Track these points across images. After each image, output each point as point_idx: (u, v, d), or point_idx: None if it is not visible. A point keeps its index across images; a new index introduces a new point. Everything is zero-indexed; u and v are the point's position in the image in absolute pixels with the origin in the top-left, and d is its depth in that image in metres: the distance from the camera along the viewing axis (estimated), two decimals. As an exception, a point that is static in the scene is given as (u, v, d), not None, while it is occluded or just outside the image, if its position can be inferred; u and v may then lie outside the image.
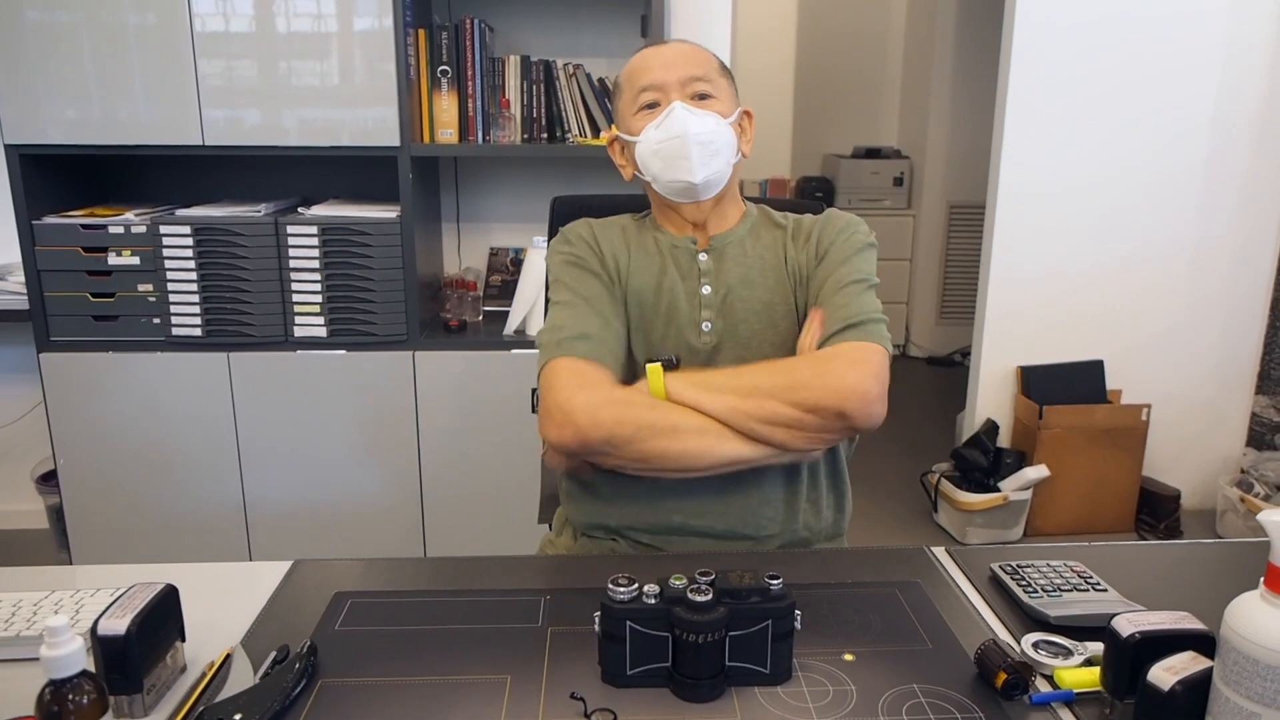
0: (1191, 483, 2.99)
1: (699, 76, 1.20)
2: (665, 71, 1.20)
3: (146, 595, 0.79)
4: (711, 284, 1.21)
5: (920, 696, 0.80)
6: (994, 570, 1.01)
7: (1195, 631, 0.75)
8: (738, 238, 1.24)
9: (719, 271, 1.22)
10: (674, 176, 1.18)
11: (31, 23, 2.14)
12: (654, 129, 1.18)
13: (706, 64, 1.22)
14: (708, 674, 0.80)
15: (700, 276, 1.21)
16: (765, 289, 1.21)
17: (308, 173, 2.57)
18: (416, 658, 0.86)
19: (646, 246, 1.25)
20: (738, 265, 1.22)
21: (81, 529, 2.38)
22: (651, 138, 1.18)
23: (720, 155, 1.19)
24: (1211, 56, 2.70)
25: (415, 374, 2.33)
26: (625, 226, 1.28)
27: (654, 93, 1.20)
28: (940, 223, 4.56)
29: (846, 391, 1.05)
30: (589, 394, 1.08)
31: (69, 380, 2.30)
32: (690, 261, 1.23)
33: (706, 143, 1.16)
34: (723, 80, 1.23)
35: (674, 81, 1.19)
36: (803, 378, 1.07)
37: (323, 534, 2.41)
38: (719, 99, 1.21)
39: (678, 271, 1.22)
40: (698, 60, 1.22)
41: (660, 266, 1.22)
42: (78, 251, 2.25)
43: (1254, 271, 2.87)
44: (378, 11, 2.17)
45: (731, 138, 1.20)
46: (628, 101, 1.23)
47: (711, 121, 1.18)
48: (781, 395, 1.06)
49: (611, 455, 1.08)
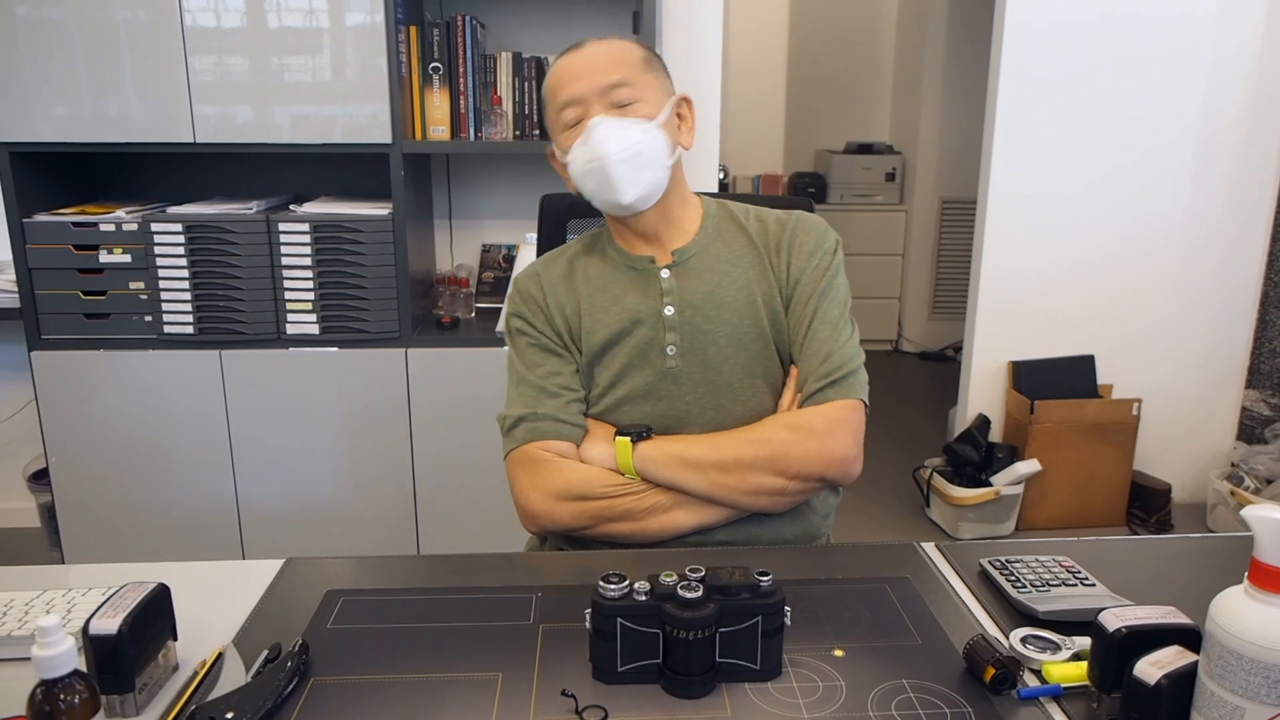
0: (1182, 477, 3.00)
1: (616, 82, 1.12)
2: (580, 82, 1.13)
3: (138, 594, 0.79)
4: (675, 303, 1.16)
5: (909, 691, 0.81)
6: (983, 565, 1.02)
7: (1181, 626, 0.76)
8: (700, 248, 1.19)
9: (682, 290, 1.17)
10: (605, 198, 1.13)
11: (21, 19, 2.13)
12: (579, 147, 1.12)
13: (625, 63, 1.14)
14: (698, 670, 0.80)
15: (663, 296, 1.17)
16: (734, 310, 1.16)
17: (300, 170, 2.57)
18: (408, 655, 0.86)
19: (601, 282, 1.20)
20: (703, 282, 1.17)
21: (73, 527, 2.38)
22: (579, 157, 1.13)
23: (651, 165, 1.12)
24: (1200, 53, 2.71)
25: (408, 371, 2.33)
26: (576, 259, 1.23)
27: (574, 108, 1.13)
28: (932, 218, 4.57)
29: (828, 459, 1.10)
30: (543, 488, 1.12)
31: (60, 378, 2.29)
32: (651, 281, 1.18)
33: (631, 158, 1.10)
34: (648, 76, 1.15)
35: (592, 92, 1.12)
36: (785, 448, 1.09)
37: (316, 531, 2.41)
38: (643, 100, 1.13)
39: (638, 293, 1.18)
40: (613, 62, 1.13)
41: (619, 306, 1.17)
42: (69, 249, 2.24)
43: (1243, 266, 2.89)
44: (369, 7, 2.17)
45: (662, 141, 1.13)
46: (552, 119, 1.17)
47: (634, 133, 1.11)
48: (765, 466, 1.09)
49: (581, 537, 1.14)
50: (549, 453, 1.14)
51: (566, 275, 1.22)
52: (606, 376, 1.18)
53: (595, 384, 1.19)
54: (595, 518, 1.11)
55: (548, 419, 1.15)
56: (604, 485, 1.12)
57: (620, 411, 1.18)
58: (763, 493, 1.10)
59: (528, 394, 1.17)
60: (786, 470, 1.09)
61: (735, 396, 1.16)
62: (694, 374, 1.16)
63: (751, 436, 1.11)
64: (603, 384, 1.18)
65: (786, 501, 1.12)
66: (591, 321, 1.19)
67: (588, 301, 1.20)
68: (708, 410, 1.16)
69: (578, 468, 1.14)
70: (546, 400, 1.16)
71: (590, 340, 1.18)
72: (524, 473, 1.14)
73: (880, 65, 4.93)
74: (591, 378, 1.19)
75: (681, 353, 1.16)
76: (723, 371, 1.16)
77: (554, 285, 1.22)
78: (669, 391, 1.17)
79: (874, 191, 4.62)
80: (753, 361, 1.17)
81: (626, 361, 1.17)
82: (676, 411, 1.17)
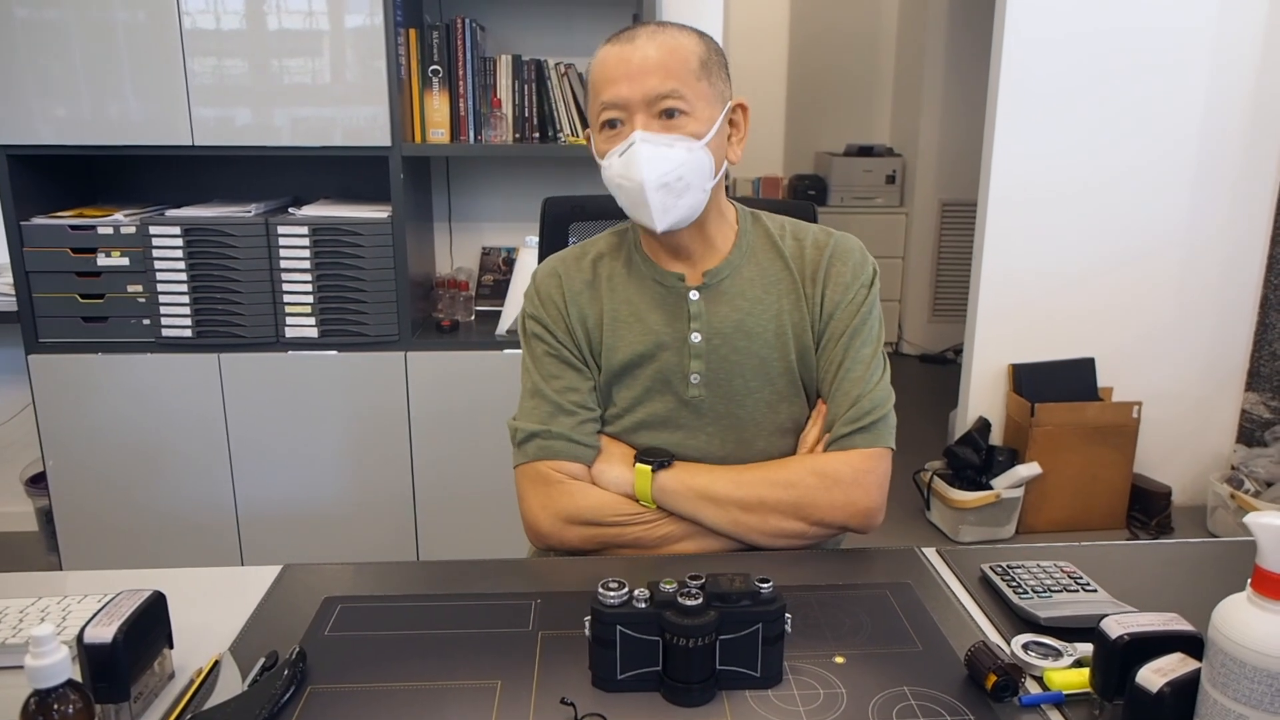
0: (1182, 480, 3.00)
1: (668, 92, 1.03)
2: (629, 85, 1.04)
3: (134, 602, 0.79)
4: (702, 330, 1.11)
5: (910, 699, 0.80)
6: (984, 571, 1.01)
7: (1184, 633, 0.76)
8: (733, 269, 1.13)
9: (711, 315, 1.12)
10: (637, 218, 1.08)
11: (20, 20, 2.12)
12: (616, 157, 1.05)
13: (681, 68, 1.04)
14: (698, 678, 0.80)
15: (690, 320, 1.12)
16: (763, 342, 1.12)
17: (298, 173, 2.57)
18: (407, 663, 0.86)
19: (625, 294, 1.15)
20: (733, 309, 1.12)
21: (71, 531, 2.37)
22: (614, 167, 1.06)
23: (690, 190, 1.05)
24: (1200, 57, 2.71)
25: (407, 374, 2.33)
26: (600, 262, 1.17)
27: (615, 111, 1.05)
28: (932, 220, 4.57)
29: (852, 510, 1.09)
30: (553, 510, 1.11)
31: (58, 382, 2.28)
32: (679, 303, 1.13)
33: (669, 184, 1.03)
34: (701, 84, 1.06)
35: (638, 100, 1.03)
36: (810, 495, 1.08)
37: (314, 535, 2.41)
38: (693, 114, 1.05)
39: (664, 313, 1.13)
40: (669, 67, 1.04)
41: (643, 325, 1.13)
42: (66, 252, 2.24)
43: (1243, 269, 2.88)
44: (369, 10, 2.16)
45: (706, 162, 1.06)
46: (592, 111, 1.10)
47: (678, 154, 1.03)
48: (788, 510, 1.08)
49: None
50: (561, 474, 1.12)
51: (590, 282, 1.17)
52: (626, 398, 1.14)
53: (613, 403, 1.16)
54: (604, 544, 1.11)
55: (561, 438, 1.12)
56: (615, 514, 1.10)
57: (637, 435, 1.15)
58: (782, 535, 1.08)
59: (543, 409, 1.14)
60: (809, 517, 1.08)
61: (758, 430, 1.13)
62: (716, 405, 1.12)
63: (776, 478, 1.08)
64: (621, 405, 1.15)
65: (803, 544, 1.10)
66: (614, 338, 1.14)
67: (610, 315, 1.15)
68: (729, 443, 1.13)
69: (590, 492, 1.12)
70: (562, 418, 1.13)
71: (611, 358, 1.14)
72: (534, 491, 1.12)
73: (880, 67, 4.93)
74: (609, 396, 1.16)
75: (706, 382, 1.12)
76: (746, 405, 1.12)
77: (576, 293, 1.16)
78: (688, 421, 1.13)
79: (874, 194, 4.62)
80: (777, 396, 1.13)
81: (648, 386, 1.13)
82: (696, 442, 1.13)
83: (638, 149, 1.03)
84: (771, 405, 1.13)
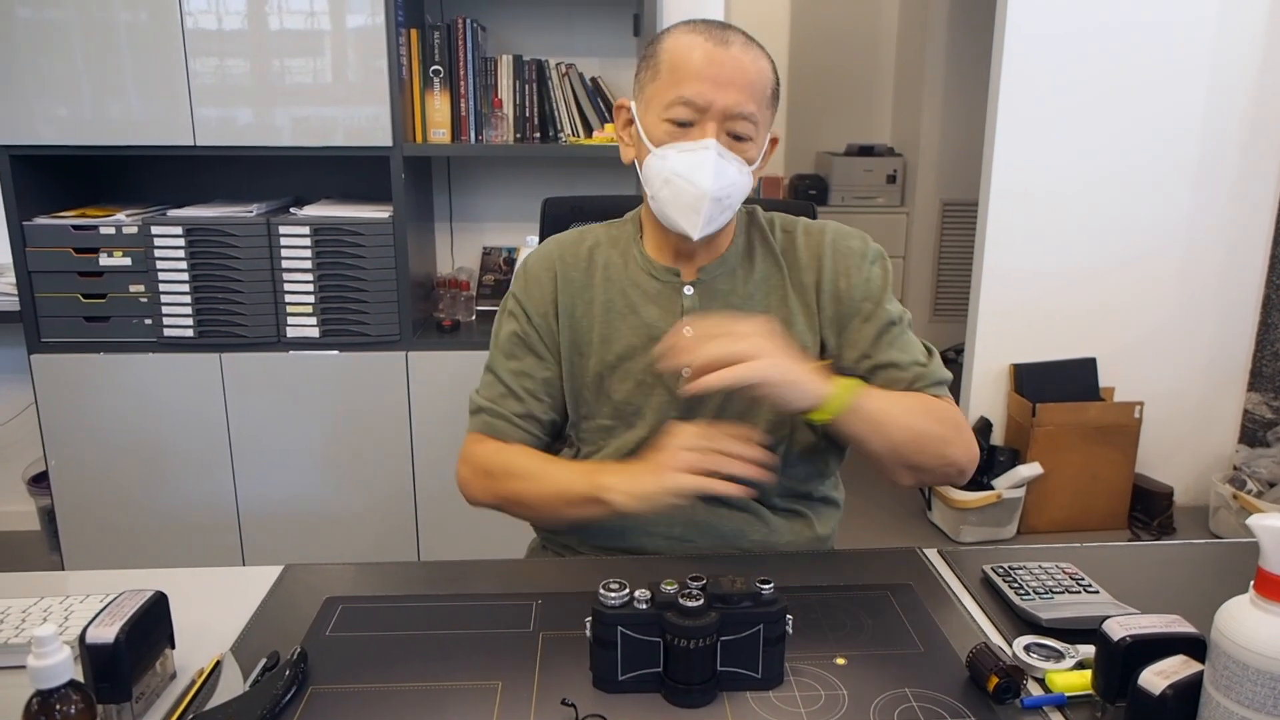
0: (1184, 480, 3.00)
1: (747, 114, 1.04)
2: (716, 91, 1.03)
3: (135, 602, 0.79)
4: (695, 325, 1.11)
5: (912, 700, 0.80)
6: (986, 572, 1.01)
7: (1186, 635, 0.75)
8: (729, 268, 1.15)
9: (703, 311, 1.13)
10: (674, 219, 1.07)
11: (22, 20, 2.13)
12: (677, 154, 1.05)
13: (762, 91, 1.06)
14: (699, 679, 0.80)
15: (683, 314, 1.13)
16: None
17: (300, 173, 2.57)
18: (408, 664, 0.86)
19: (621, 285, 1.15)
20: (725, 305, 1.14)
21: (73, 530, 2.38)
22: (670, 162, 1.05)
23: (731, 208, 1.08)
24: (1201, 56, 2.71)
25: (408, 374, 2.33)
26: (597, 250, 1.18)
27: (693, 111, 1.04)
28: (933, 220, 4.56)
29: (974, 456, 1.10)
30: (468, 470, 1.18)
31: (60, 381, 2.29)
32: (673, 297, 1.14)
33: (723, 198, 1.05)
34: (767, 113, 1.09)
35: (720, 109, 1.03)
36: (947, 433, 1.08)
37: (316, 535, 2.41)
38: (754, 140, 1.07)
39: (659, 307, 1.14)
40: (755, 87, 1.05)
41: (637, 318, 1.14)
42: (69, 252, 2.24)
43: (1245, 269, 2.88)
44: (370, 10, 2.16)
45: (748, 186, 1.08)
46: (658, 94, 1.06)
47: (734, 174, 1.05)
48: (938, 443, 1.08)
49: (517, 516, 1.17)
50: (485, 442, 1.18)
51: (587, 269, 1.17)
52: (621, 390, 1.14)
53: (607, 394, 1.15)
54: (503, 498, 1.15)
55: (504, 419, 1.17)
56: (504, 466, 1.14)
57: (632, 428, 1.14)
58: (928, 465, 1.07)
59: (496, 388, 1.18)
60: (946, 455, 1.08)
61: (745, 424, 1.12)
62: (707, 398, 1.12)
63: (916, 410, 1.07)
64: (617, 397, 1.14)
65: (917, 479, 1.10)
66: (608, 328, 1.15)
67: (604, 305, 1.15)
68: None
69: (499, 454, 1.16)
70: (510, 401, 1.17)
71: (606, 349, 1.14)
72: (464, 451, 1.20)
73: (881, 67, 4.92)
74: (601, 386, 1.15)
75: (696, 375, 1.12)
76: (734, 398, 1.11)
77: (570, 280, 1.16)
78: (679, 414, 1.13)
79: (875, 194, 4.61)
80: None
81: (640, 378, 1.14)
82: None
83: (710, 163, 1.03)
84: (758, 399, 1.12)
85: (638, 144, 1.11)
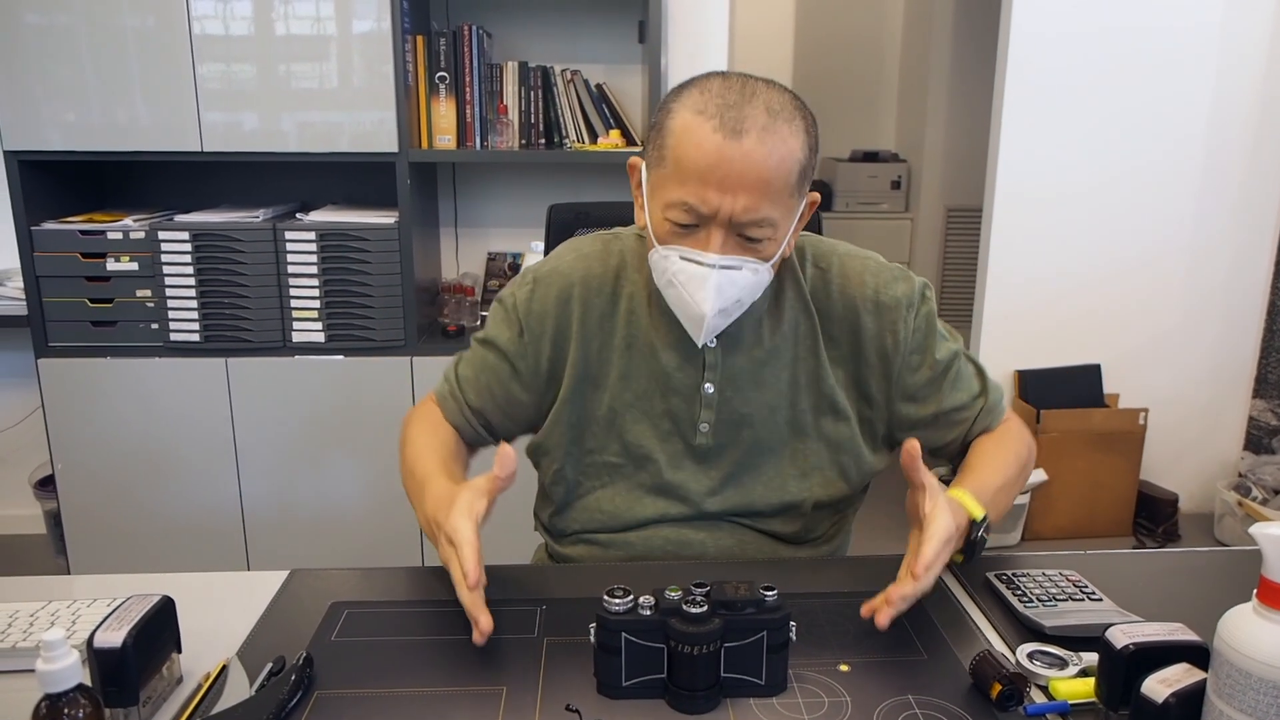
0: (1189, 487, 2.99)
1: (760, 220, 0.93)
2: (721, 196, 0.92)
3: (143, 607, 0.79)
4: (715, 381, 1.07)
5: (915, 707, 0.80)
6: (989, 579, 1.01)
7: (1189, 643, 0.75)
8: (754, 318, 1.06)
9: (725, 364, 1.07)
10: (680, 319, 1.02)
11: (30, 26, 2.14)
12: (678, 258, 0.96)
13: (783, 186, 0.93)
14: (703, 686, 0.80)
15: (705, 370, 1.07)
16: (774, 392, 1.08)
17: (306, 178, 2.58)
18: (412, 669, 0.86)
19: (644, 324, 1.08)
20: (748, 359, 1.07)
21: (79, 534, 2.38)
22: (672, 264, 0.96)
23: (743, 307, 1.00)
24: (1207, 62, 2.71)
25: (413, 379, 2.33)
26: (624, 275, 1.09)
27: (696, 217, 0.94)
28: (938, 226, 4.56)
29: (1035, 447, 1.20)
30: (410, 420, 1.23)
31: (67, 385, 2.30)
32: (693, 348, 1.07)
33: (727, 309, 0.97)
34: (793, 200, 0.96)
35: (726, 215, 0.93)
36: (1026, 458, 1.15)
37: (321, 539, 2.41)
38: (773, 238, 0.96)
39: (678, 356, 1.07)
40: (772, 186, 0.92)
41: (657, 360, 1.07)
42: (76, 257, 2.25)
43: (1251, 275, 2.88)
44: (376, 16, 2.17)
45: (766, 280, 0.99)
46: (661, 184, 0.96)
47: (744, 278, 0.96)
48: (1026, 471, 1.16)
49: None
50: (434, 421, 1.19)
51: (611, 297, 1.09)
52: (636, 434, 1.10)
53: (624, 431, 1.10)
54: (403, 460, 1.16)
55: (458, 403, 1.17)
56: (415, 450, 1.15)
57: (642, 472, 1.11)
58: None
59: (468, 371, 1.17)
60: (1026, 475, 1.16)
61: (757, 476, 1.11)
62: (722, 452, 1.10)
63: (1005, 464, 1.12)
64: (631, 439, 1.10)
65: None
66: (627, 365, 1.09)
67: (624, 340, 1.09)
68: (729, 486, 1.11)
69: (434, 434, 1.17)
70: (470, 392, 1.17)
71: (624, 386, 1.09)
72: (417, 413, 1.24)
73: (885, 73, 4.93)
74: (613, 425, 1.10)
75: (713, 431, 1.09)
76: (752, 453, 1.10)
77: (590, 307, 1.09)
78: (691, 465, 1.11)
79: (879, 200, 4.62)
80: (781, 440, 1.10)
81: (654, 423, 1.10)
82: (698, 485, 1.11)
83: (709, 277, 0.94)
84: (773, 452, 1.11)
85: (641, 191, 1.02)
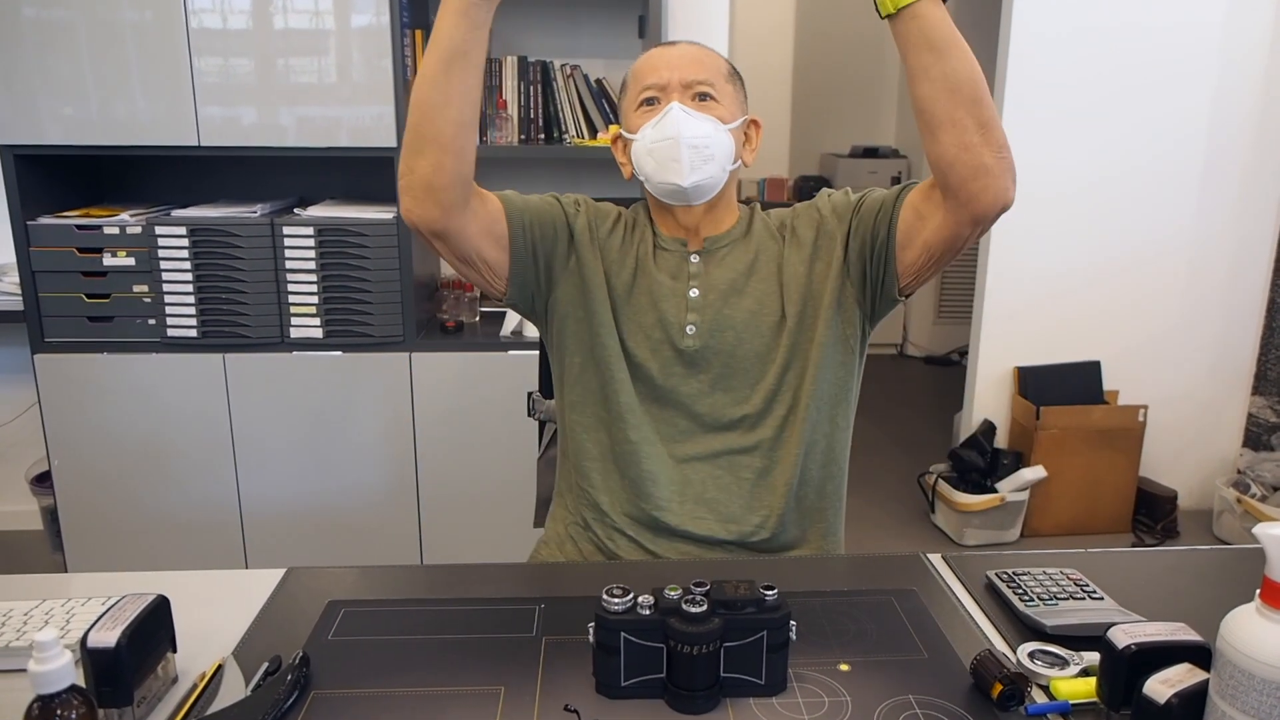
0: (1188, 483, 2.99)
1: (703, 80, 1.19)
2: (669, 71, 1.19)
3: (137, 606, 0.79)
4: (699, 286, 1.21)
5: (916, 707, 0.80)
6: (990, 578, 1.01)
7: (1191, 643, 0.75)
8: (731, 240, 1.24)
9: (708, 274, 1.22)
10: (664, 178, 1.17)
11: (27, 20, 2.13)
12: (650, 128, 1.17)
13: (714, 68, 1.21)
14: (703, 685, 0.79)
15: (689, 279, 1.21)
16: (753, 298, 1.21)
17: (304, 173, 2.57)
18: (410, 668, 0.86)
19: (636, 247, 1.25)
20: (728, 270, 1.22)
21: (76, 530, 2.38)
22: (647, 136, 1.17)
23: (714, 160, 1.17)
24: (1208, 59, 2.70)
25: (412, 375, 2.33)
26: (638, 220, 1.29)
27: (655, 91, 1.19)
28: (938, 222, 4.55)
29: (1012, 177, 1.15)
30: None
31: (64, 381, 2.29)
32: (680, 262, 1.23)
33: (700, 147, 1.15)
34: (729, 86, 1.22)
35: (676, 82, 1.18)
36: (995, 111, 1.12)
37: (318, 535, 2.41)
38: (721, 104, 1.19)
39: (666, 271, 1.22)
40: (705, 63, 1.20)
41: (649, 276, 1.22)
42: (73, 252, 2.24)
43: (1251, 272, 2.87)
44: (375, 10, 2.16)
45: (729, 144, 1.18)
46: (630, 98, 1.23)
47: (708, 125, 1.16)
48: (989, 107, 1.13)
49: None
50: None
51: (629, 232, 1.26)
52: (633, 339, 1.21)
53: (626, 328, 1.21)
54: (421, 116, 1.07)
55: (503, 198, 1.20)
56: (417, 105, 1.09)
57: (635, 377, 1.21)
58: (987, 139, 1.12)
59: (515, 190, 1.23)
60: (991, 120, 1.13)
61: (744, 379, 1.20)
62: (710, 355, 1.20)
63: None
64: (630, 343, 1.21)
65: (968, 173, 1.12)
66: (623, 270, 1.22)
67: (634, 259, 1.23)
68: (717, 390, 1.20)
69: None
70: (514, 197, 1.21)
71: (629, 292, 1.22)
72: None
73: (886, 69, 4.92)
74: (618, 322, 1.21)
75: (700, 333, 1.19)
76: (736, 355, 1.19)
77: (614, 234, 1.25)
78: (681, 369, 1.20)
79: (879, 195, 4.61)
80: (766, 348, 1.20)
81: (648, 331, 1.20)
82: (688, 388, 1.20)
83: (674, 113, 1.15)
84: (760, 357, 1.20)
85: (629, 148, 1.21)
